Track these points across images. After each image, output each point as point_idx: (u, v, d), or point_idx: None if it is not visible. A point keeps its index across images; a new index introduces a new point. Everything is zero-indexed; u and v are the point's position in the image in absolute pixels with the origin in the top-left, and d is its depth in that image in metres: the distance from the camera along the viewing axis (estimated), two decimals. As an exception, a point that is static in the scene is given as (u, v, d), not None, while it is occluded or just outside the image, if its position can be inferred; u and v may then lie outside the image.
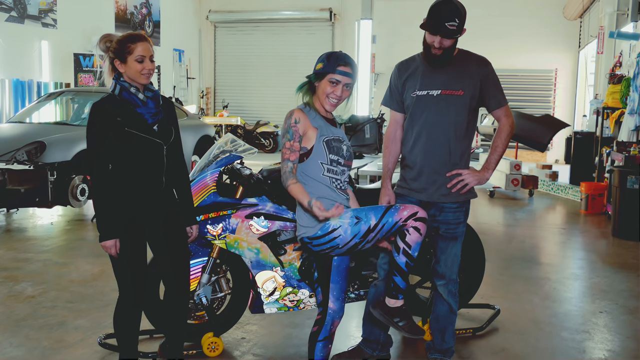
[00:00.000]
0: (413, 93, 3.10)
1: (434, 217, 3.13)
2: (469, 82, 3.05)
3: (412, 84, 3.12)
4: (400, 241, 2.69)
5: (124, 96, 2.74)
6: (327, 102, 2.64)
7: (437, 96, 3.05)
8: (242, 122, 15.43)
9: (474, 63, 3.11)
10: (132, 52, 2.70)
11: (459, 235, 3.19)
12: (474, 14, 15.98)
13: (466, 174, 3.06)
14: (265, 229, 3.39)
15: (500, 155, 3.14)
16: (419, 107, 3.08)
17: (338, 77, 2.60)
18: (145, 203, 2.81)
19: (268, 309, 3.50)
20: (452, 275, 3.22)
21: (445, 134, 3.06)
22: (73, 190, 6.74)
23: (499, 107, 3.13)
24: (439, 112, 3.05)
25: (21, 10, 10.70)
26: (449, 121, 3.05)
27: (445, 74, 3.06)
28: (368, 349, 3.40)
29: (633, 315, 4.31)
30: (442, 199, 3.10)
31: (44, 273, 5.02)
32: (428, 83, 3.07)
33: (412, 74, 3.13)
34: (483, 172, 3.12)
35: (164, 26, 15.18)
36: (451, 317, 3.29)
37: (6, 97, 10.29)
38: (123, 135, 2.70)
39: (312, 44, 16.23)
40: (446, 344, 3.33)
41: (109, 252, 2.76)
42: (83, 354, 3.49)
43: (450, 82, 3.05)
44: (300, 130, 2.66)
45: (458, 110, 3.05)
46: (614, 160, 7.61)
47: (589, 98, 13.06)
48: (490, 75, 3.11)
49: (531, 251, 6.32)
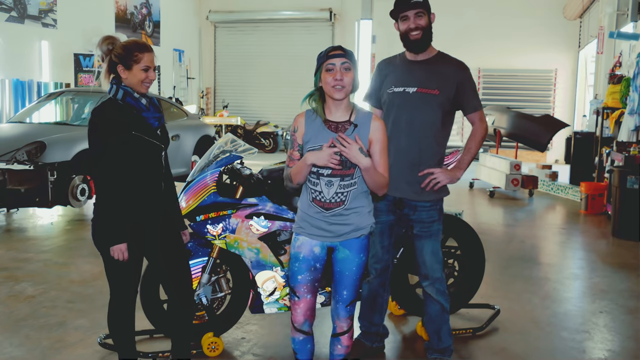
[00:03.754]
0: (390, 89, 3.16)
1: (407, 216, 3.19)
2: (445, 83, 3.11)
3: (390, 80, 3.18)
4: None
5: (128, 101, 2.74)
6: (334, 91, 2.53)
7: (412, 94, 3.11)
8: (242, 122, 15.43)
9: (453, 66, 3.18)
10: (139, 61, 2.70)
11: (434, 234, 3.22)
12: (474, 14, 16.12)
13: (438, 172, 3.12)
14: (265, 229, 3.39)
15: (473, 156, 3.24)
16: (394, 103, 3.13)
17: (331, 60, 2.53)
18: (147, 206, 2.80)
19: (268, 309, 3.50)
20: (435, 274, 3.24)
21: (418, 131, 3.11)
22: (73, 190, 6.74)
23: (474, 112, 3.21)
24: (414, 110, 3.11)
25: (21, 10, 10.70)
26: (423, 119, 3.11)
27: (423, 72, 3.13)
28: (368, 341, 3.53)
29: (633, 315, 4.31)
30: (415, 196, 3.14)
31: (44, 273, 5.02)
32: (405, 80, 3.13)
33: (392, 71, 3.20)
34: (455, 171, 3.20)
35: (164, 26, 15.18)
36: (444, 316, 3.31)
37: (6, 97, 10.29)
38: (129, 139, 2.69)
39: (312, 44, 16.21)
40: (443, 343, 3.35)
41: (120, 257, 2.70)
42: (83, 354, 3.49)
43: (427, 81, 3.10)
44: (298, 139, 2.63)
45: (433, 109, 3.11)
46: (614, 160, 7.61)
47: (588, 98, 13.06)
48: (468, 80, 3.18)
49: (531, 251, 6.32)
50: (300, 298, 2.69)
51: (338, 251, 2.66)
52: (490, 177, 10.11)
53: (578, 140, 10.27)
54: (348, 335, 2.78)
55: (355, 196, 2.61)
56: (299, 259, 2.66)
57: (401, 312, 4.16)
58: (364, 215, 2.64)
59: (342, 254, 2.65)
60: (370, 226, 2.67)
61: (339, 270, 2.68)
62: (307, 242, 2.65)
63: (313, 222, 2.63)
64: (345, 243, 2.63)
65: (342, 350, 2.81)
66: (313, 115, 2.62)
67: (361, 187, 2.62)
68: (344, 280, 2.67)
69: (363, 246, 2.66)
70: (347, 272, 2.66)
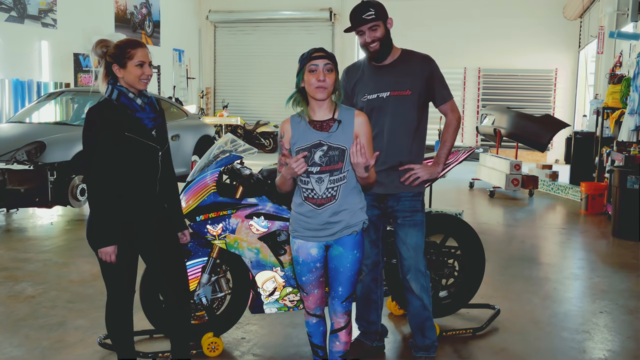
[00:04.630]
0: (363, 97, 3.23)
1: (392, 208, 3.26)
2: (414, 81, 3.18)
3: (361, 88, 3.25)
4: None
5: (122, 101, 2.74)
6: (317, 92, 2.62)
7: (386, 98, 3.19)
8: (242, 122, 15.42)
9: (418, 61, 3.24)
10: (133, 57, 2.70)
11: (418, 224, 3.26)
12: (474, 14, 16.13)
13: (418, 168, 3.22)
14: (265, 229, 3.39)
15: (449, 149, 3.31)
16: (371, 110, 3.20)
17: (314, 62, 2.62)
18: (139, 208, 2.79)
19: (268, 309, 3.50)
20: (419, 266, 3.27)
21: (398, 133, 3.19)
22: (73, 190, 6.74)
23: (444, 103, 3.29)
24: (390, 114, 3.19)
25: (21, 10, 10.70)
26: (401, 121, 3.19)
27: (392, 75, 3.20)
28: (367, 340, 3.55)
29: (633, 315, 4.31)
30: (397, 190, 3.23)
31: (44, 273, 5.02)
32: (376, 86, 3.20)
33: (360, 79, 3.27)
34: (434, 166, 3.29)
35: (163, 26, 15.18)
36: (425, 312, 3.33)
37: (6, 97, 10.29)
38: (122, 139, 2.69)
39: (312, 44, 16.00)
40: (428, 339, 3.37)
41: (107, 259, 2.72)
42: (83, 354, 3.49)
43: (398, 84, 3.18)
44: (285, 144, 2.73)
45: (408, 110, 3.19)
46: (614, 160, 7.61)
47: (589, 98, 13.06)
48: (435, 72, 3.24)
49: (531, 251, 6.32)
50: (309, 294, 2.83)
51: (332, 248, 2.75)
52: (490, 177, 10.11)
53: (578, 140, 10.26)
54: (346, 331, 2.85)
55: (347, 193, 2.70)
56: (299, 263, 2.78)
57: (401, 312, 4.16)
58: (355, 213, 2.73)
59: (336, 251, 2.74)
60: (363, 222, 2.76)
61: (334, 267, 2.76)
62: (304, 245, 2.75)
63: (306, 224, 2.71)
64: (339, 240, 2.72)
65: (340, 347, 2.86)
66: (298, 118, 2.73)
67: (351, 182, 2.71)
68: (339, 276, 2.76)
69: (357, 242, 2.75)
70: (341, 269, 2.74)
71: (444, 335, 3.77)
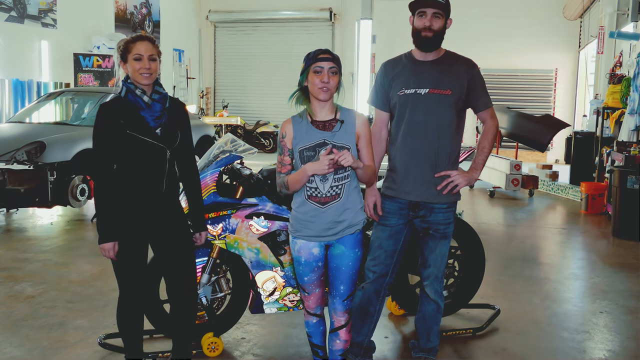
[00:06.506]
0: (400, 91, 3.08)
1: (424, 218, 3.11)
2: (456, 83, 3.06)
3: (399, 82, 3.10)
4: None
5: (129, 98, 2.74)
6: (320, 92, 2.65)
7: (424, 95, 3.04)
8: (242, 122, 15.42)
9: (462, 64, 3.12)
10: (131, 51, 2.70)
11: (449, 236, 3.19)
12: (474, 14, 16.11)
13: (455, 174, 3.06)
14: (265, 229, 3.39)
15: (487, 155, 3.19)
16: (406, 105, 3.07)
17: (320, 63, 2.64)
18: (143, 206, 2.80)
19: (268, 309, 3.50)
20: (439, 274, 3.23)
21: (432, 133, 3.05)
22: (73, 190, 6.74)
23: (486, 109, 3.17)
24: (426, 111, 3.04)
25: (21, 10, 10.70)
26: (437, 120, 3.04)
27: (433, 73, 3.06)
28: (350, 354, 3.26)
29: (633, 316, 4.31)
30: (432, 199, 3.08)
31: (44, 273, 5.02)
32: (416, 81, 3.06)
33: (400, 73, 3.12)
34: (471, 172, 3.13)
35: (163, 26, 15.17)
36: (437, 316, 3.30)
37: (6, 97, 10.28)
38: (125, 137, 2.69)
39: (312, 44, 16.18)
40: (431, 343, 3.34)
41: (107, 255, 2.77)
42: (83, 354, 3.49)
43: (439, 81, 3.05)
44: (287, 144, 2.74)
45: (445, 109, 3.05)
46: (614, 160, 7.61)
47: (589, 98, 13.06)
48: (478, 77, 3.13)
49: (531, 251, 6.32)
50: (310, 293, 2.85)
51: (334, 247, 2.77)
52: (490, 177, 10.11)
53: (578, 140, 10.26)
54: (346, 329, 2.88)
55: (350, 191, 2.74)
56: (301, 263, 2.79)
57: (401, 312, 4.16)
58: (357, 212, 2.77)
59: (337, 250, 2.77)
60: (363, 221, 2.80)
61: (335, 265, 2.79)
62: (305, 245, 2.76)
63: (308, 224, 2.73)
64: (341, 239, 2.76)
65: (341, 345, 2.88)
66: (299, 118, 2.75)
67: (354, 181, 2.75)
68: (340, 275, 2.79)
69: (358, 241, 2.78)
70: (343, 267, 2.78)
71: (444, 335, 3.76)
